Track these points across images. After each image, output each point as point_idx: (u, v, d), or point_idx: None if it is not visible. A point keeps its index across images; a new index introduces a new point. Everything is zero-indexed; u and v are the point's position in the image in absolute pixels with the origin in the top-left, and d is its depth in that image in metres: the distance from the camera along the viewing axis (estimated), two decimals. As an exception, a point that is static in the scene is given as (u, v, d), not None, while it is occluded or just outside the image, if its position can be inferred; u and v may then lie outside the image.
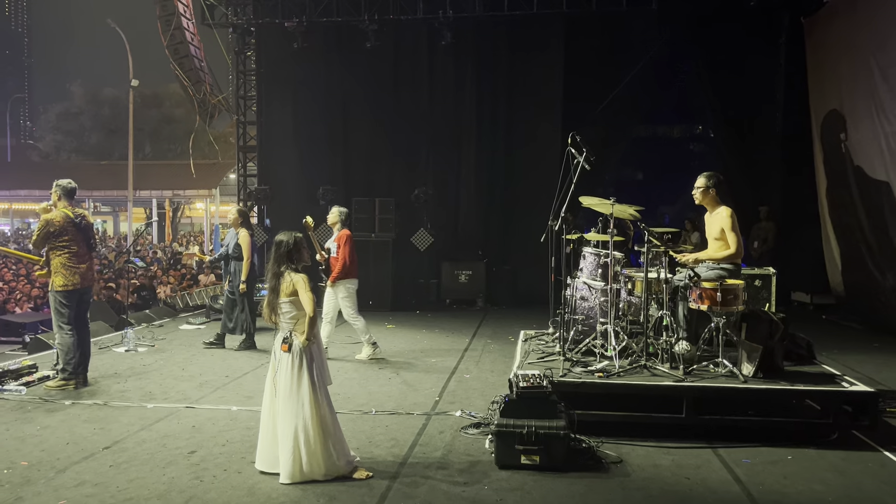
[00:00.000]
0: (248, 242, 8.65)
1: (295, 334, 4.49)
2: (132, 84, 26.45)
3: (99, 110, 40.43)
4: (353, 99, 13.72)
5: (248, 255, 8.59)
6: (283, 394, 4.47)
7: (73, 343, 6.75)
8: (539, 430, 4.67)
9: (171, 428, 5.59)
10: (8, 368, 6.98)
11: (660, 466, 4.81)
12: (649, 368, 5.71)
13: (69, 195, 6.89)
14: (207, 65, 16.77)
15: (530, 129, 13.13)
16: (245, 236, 8.64)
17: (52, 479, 4.52)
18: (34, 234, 6.83)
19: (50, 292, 6.82)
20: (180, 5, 15.65)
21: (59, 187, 6.86)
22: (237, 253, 8.73)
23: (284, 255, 4.56)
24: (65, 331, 6.74)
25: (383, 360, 8.19)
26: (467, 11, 12.73)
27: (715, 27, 12.87)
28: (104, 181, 30.57)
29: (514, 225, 13.12)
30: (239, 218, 8.83)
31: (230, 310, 8.89)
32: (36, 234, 6.77)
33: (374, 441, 5.29)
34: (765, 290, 7.48)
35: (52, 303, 6.84)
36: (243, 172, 14.98)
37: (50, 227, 6.67)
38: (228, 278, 8.90)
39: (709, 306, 5.68)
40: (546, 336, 7.37)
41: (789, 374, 5.66)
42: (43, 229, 6.69)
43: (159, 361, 8.07)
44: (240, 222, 8.78)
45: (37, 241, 6.77)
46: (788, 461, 4.90)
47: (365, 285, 12.06)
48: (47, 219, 6.72)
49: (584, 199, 6.39)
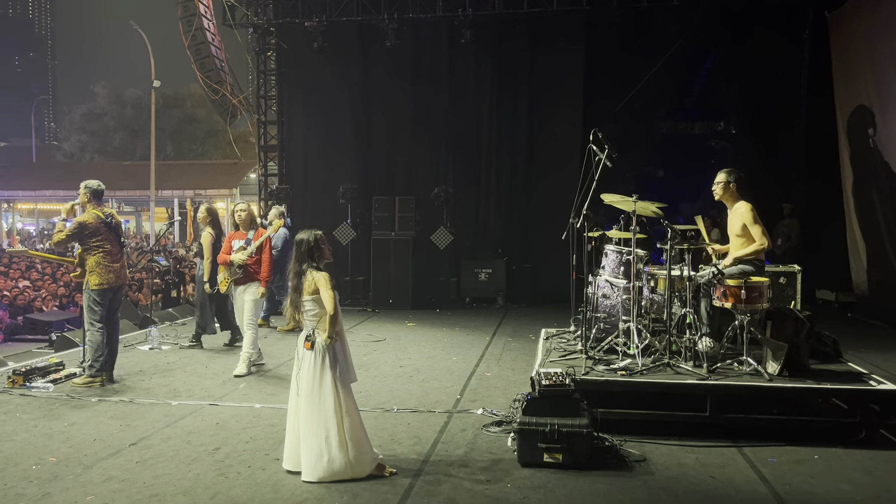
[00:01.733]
0: (209, 243, 8.52)
1: (317, 332, 4.51)
2: (154, 85, 26.72)
3: (122, 111, 40.91)
4: (373, 98, 13.76)
5: (207, 255, 8.51)
6: (306, 391, 4.49)
7: (103, 341, 6.84)
8: (562, 428, 4.65)
9: (195, 425, 5.64)
10: (35, 366, 7.07)
11: (684, 465, 4.77)
12: (672, 367, 5.67)
13: (97, 196, 6.98)
14: (228, 65, 16.90)
15: (551, 127, 13.09)
16: (206, 237, 8.61)
17: (80, 475, 4.58)
18: (60, 233, 6.86)
19: (84, 290, 6.89)
20: (201, 6, 15.77)
21: (88, 189, 6.95)
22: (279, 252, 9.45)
23: (306, 254, 4.58)
24: (96, 328, 6.82)
25: (405, 359, 8.19)
26: (487, 9, 12.71)
27: (737, 22, 12.73)
28: (127, 181, 30.91)
29: (535, 223, 13.08)
30: (207, 216, 8.67)
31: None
32: (63, 234, 6.81)
33: (397, 439, 5.30)
34: (790, 288, 7.40)
35: (85, 301, 6.92)
36: (264, 172, 15.08)
37: (84, 230, 6.77)
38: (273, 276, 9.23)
39: (733, 304, 5.63)
40: (567, 334, 7.35)
41: (815, 372, 5.60)
42: (75, 231, 6.76)
43: (183, 359, 8.15)
44: (207, 221, 8.65)
45: (62, 240, 6.84)
46: (815, 460, 4.85)
47: (385, 284, 12.22)
48: (81, 221, 6.81)
49: (606, 196, 6.36)
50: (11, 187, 33.19)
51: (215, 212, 8.88)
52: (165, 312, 11.34)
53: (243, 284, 7.53)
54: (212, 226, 8.65)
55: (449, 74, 13.49)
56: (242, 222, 7.75)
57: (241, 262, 7.42)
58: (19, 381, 6.74)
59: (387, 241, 12.20)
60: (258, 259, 7.55)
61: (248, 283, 7.53)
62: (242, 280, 7.51)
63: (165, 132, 37.46)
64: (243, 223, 7.77)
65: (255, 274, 7.53)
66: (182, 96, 39.87)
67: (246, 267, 7.46)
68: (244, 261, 7.42)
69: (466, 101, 13.46)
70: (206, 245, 8.55)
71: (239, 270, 7.46)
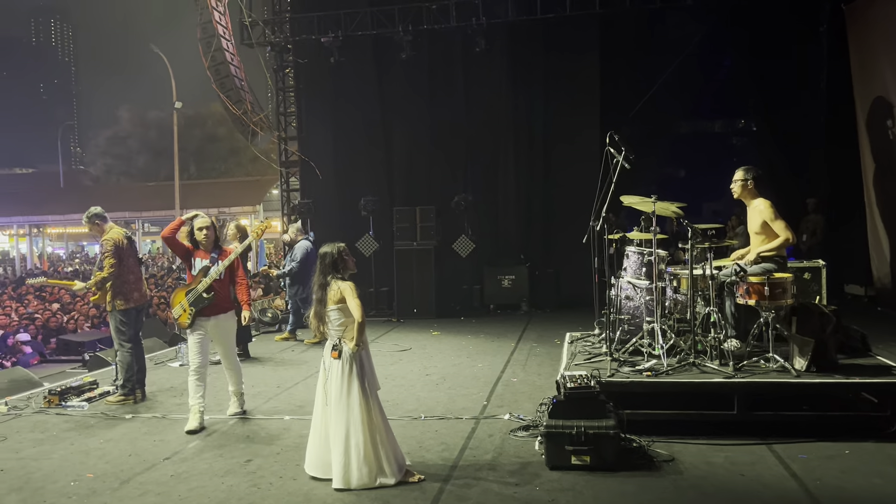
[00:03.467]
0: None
1: (344, 341, 4.58)
2: (176, 106, 27.15)
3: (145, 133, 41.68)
4: (390, 109, 13.88)
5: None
6: (335, 401, 4.56)
7: (133, 360, 6.98)
8: (589, 430, 4.67)
9: (226, 438, 5.73)
10: (70, 385, 7.24)
11: (713, 464, 4.76)
12: (698, 366, 5.66)
13: (103, 218, 7.10)
14: (248, 83, 17.15)
15: (568, 131, 13.10)
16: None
17: (117, 490, 4.68)
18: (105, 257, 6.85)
19: (111, 313, 7.01)
20: (220, 27, 16.04)
21: (92, 217, 7.06)
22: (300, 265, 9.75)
23: (330, 266, 4.66)
24: (125, 348, 6.96)
25: (430, 367, 8.24)
26: (500, 17, 12.79)
27: (753, 19, 12.67)
28: (152, 202, 31.40)
29: (556, 227, 13.08)
30: (237, 233, 8.98)
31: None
32: (106, 260, 6.82)
33: (425, 445, 5.35)
34: (815, 283, 7.33)
35: (112, 322, 7.05)
36: (286, 187, 15.27)
37: (116, 247, 6.86)
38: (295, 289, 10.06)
39: (757, 301, 5.61)
40: (592, 337, 7.35)
41: (844, 367, 5.55)
42: (112, 250, 6.83)
43: (212, 374, 8.22)
44: (237, 237, 8.94)
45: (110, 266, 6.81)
46: (846, 455, 4.81)
47: (408, 293, 12.29)
48: (110, 238, 6.90)
49: (625, 197, 6.38)
50: (40, 212, 33.84)
51: (244, 228, 9.16)
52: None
53: (211, 316, 6.14)
54: (241, 242, 8.84)
55: (464, 83, 13.57)
56: (205, 241, 6.27)
57: (207, 286, 6.08)
58: (55, 400, 6.89)
59: (409, 252, 12.28)
60: (228, 282, 6.29)
61: (219, 314, 6.18)
62: (210, 310, 6.12)
63: (188, 152, 38.01)
64: (206, 242, 6.28)
65: (225, 301, 6.23)
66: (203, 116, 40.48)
67: (216, 293, 6.11)
68: (209, 284, 6.10)
69: (483, 109, 13.53)
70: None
71: (206, 297, 6.07)
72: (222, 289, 6.18)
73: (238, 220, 10.30)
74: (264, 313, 11.85)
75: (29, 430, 6.16)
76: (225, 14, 16.41)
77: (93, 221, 7.05)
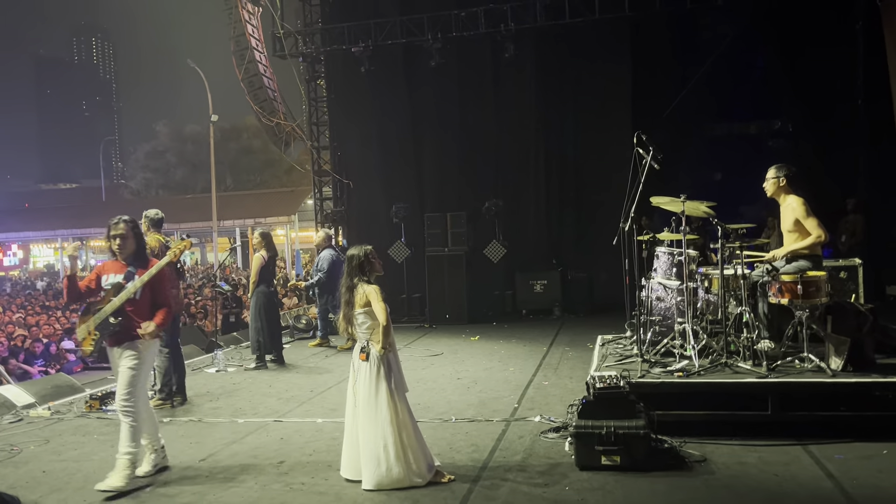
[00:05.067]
0: (258, 265, 8.99)
1: (372, 343, 4.64)
2: (212, 119, 27.65)
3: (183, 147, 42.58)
4: (420, 117, 13.99)
5: (253, 276, 9.03)
6: (363, 402, 4.61)
7: (170, 366, 7.12)
8: (618, 430, 4.65)
9: (260, 440, 5.82)
10: (110, 390, 7.39)
11: (746, 464, 4.70)
12: (731, 366, 5.59)
13: (157, 225, 7.26)
14: (280, 94, 17.42)
15: (599, 134, 13.05)
16: (257, 258, 9.02)
17: (155, 489, 4.79)
18: None
19: None
20: (252, 39, 16.34)
21: (148, 219, 7.22)
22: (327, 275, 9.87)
23: (357, 268, 4.72)
24: (163, 354, 7.09)
25: (462, 371, 8.26)
26: (529, 23, 12.82)
27: (786, 17, 12.50)
28: (190, 214, 32.01)
29: (587, 231, 13.03)
30: (262, 241, 9.05)
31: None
32: None
33: (455, 447, 5.37)
34: (851, 282, 7.19)
35: None
36: (319, 196, 15.46)
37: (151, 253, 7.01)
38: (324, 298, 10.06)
39: (790, 300, 5.53)
40: (623, 339, 7.30)
41: (882, 366, 5.42)
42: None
43: (248, 380, 8.39)
44: (262, 245, 9.03)
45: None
46: (884, 456, 4.71)
47: (440, 299, 12.33)
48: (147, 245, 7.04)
49: (655, 198, 6.33)
50: (83, 226, 34.75)
51: (269, 235, 9.26)
52: (230, 336, 11.69)
53: (120, 345, 4.90)
54: (266, 249, 8.98)
55: (494, 89, 13.63)
56: (121, 250, 5.04)
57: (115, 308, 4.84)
58: (96, 405, 7.07)
59: (440, 258, 12.33)
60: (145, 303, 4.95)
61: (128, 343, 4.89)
62: (121, 337, 4.88)
63: (224, 164, 38.71)
64: (122, 251, 5.04)
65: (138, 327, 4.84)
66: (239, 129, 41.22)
67: (127, 316, 4.86)
68: (117, 307, 4.84)
69: (512, 115, 13.56)
70: (255, 267, 8.97)
71: (114, 322, 4.84)
72: (137, 313, 4.90)
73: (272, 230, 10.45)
74: (298, 320, 12.00)
75: (71, 433, 6.33)
76: (258, 27, 16.72)
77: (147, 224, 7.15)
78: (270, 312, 9.09)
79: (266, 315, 8.99)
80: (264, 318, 8.98)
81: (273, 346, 9.16)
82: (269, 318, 9.04)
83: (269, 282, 9.15)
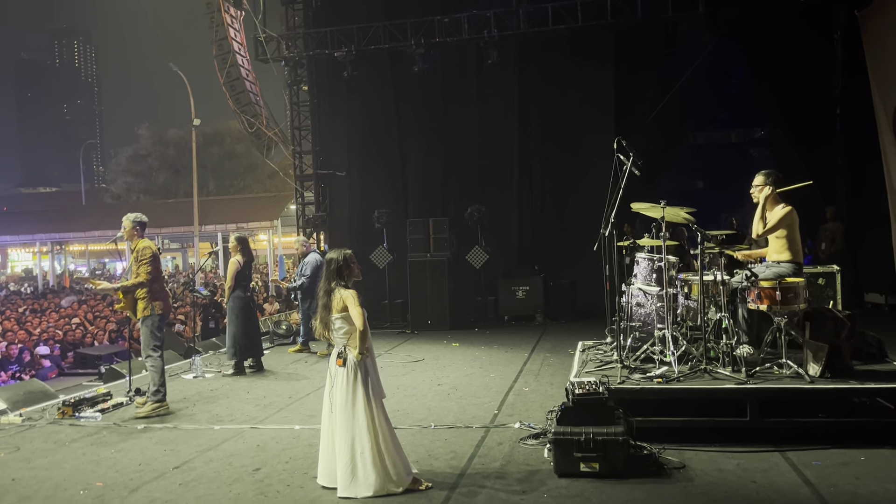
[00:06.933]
0: (234, 270, 8.91)
1: (349, 349, 4.58)
2: (194, 123, 27.45)
3: (165, 151, 42.21)
4: (403, 123, 13.96)
5: (228, 281, 8.96)
6: (340, 408, 4.55)
7: (164, 366, 7.04)
8: (597, 436, 4.62)
9: (236, 447, 5.73)
10: (84, 397, 7.29)
11: (724, 471, 4.69)
12: (710, 372, 5.58)
13: (142, 227, 7.16)
14: (263, 99, 17.33)
15: (581, 141, 13.06)
16: (232, 263, 8.95)
17: (126, 498, 4.69)
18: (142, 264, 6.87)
19: (149, 317, 6.94)
20: (235, 44, 16.26)
21: (134, 221, 7.10)
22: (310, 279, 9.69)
23: (335, 272, 4.67)
24: (157, 354, 6.98)
25: (442, 377, 8.21)
26: (512, 29, 12.83)
27: (766, 27, 12.61)
28: (171, 218, 31.70)
29: (569, 237, 13.02)
30: (238, 245, 9.01)
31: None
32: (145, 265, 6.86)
33: (434, 454, 5.32)
34: (829, 289, 7.23)
35: (148, 327, 6.97)
36: (301, 201, 15.37)
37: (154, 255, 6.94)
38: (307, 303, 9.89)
39: (768, 306, 5.54)
40: (604, 345, 7.29)
41: (859, 372, 5.46)
42: (150, 258, 6.88)
43: (225, 386, 8.29)
44: (238, 249, 8.97)
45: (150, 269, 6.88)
46: (861, 462, 4.72)
47: (422, 305, 12.27)
48: (146, 245, 6.96)
49: (635, 204, 6.33)
50: (63, 230, 34.30)
51: (245, 240, 9.20)
52: (209, 342, 11.56)
53: None
54: (242, 254, 8.91)
55: (477, 95, 13.63)
56: None
57: None
58: (69, 411, 6.93)
59: (423, 263, 12.28)
60: None
61: None
62: None
63: (207, 169, 38.44)
64: None
65: None
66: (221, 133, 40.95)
67: None
68: None
69: (496, 121, 13.57)
70: (231, 271, 8.89)
71: None
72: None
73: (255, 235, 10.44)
74: (279, 325, 11.90)
75: (42, 440, 6.21)
76: (240, 31, 16.63)
77: (135, 226, 7.08)
78: (247, 316, 9.00)
79: (243, 319, 8.90)
80: (241, 322, 8.89)
81: (252, 351, 9.06)
82: (247, 323, 8.95)
83: (245, 286, 9.06)
